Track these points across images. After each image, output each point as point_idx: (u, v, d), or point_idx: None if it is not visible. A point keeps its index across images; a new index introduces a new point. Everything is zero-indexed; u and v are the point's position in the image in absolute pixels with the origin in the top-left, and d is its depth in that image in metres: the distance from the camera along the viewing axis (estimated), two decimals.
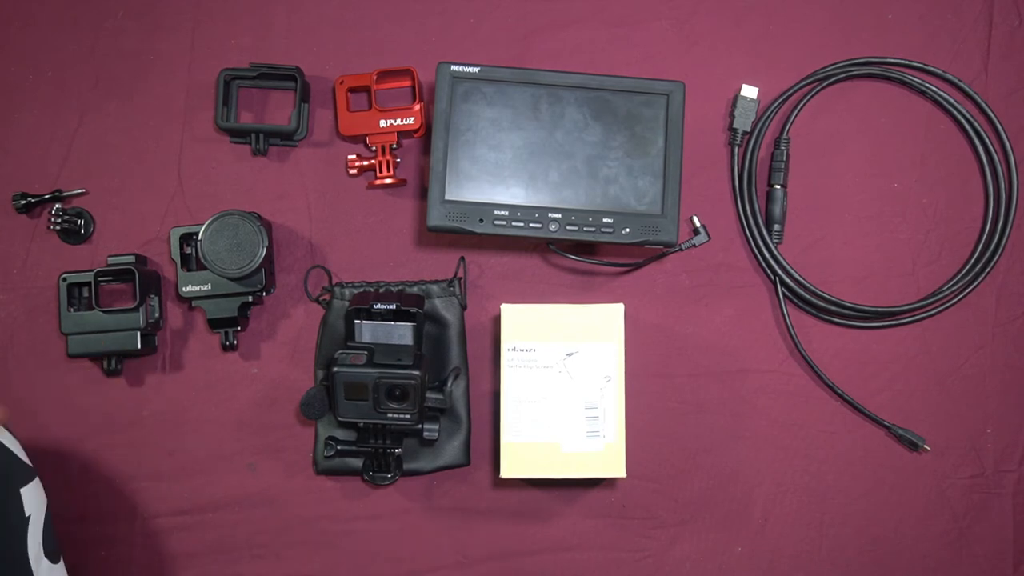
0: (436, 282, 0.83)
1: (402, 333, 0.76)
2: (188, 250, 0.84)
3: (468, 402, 0.83)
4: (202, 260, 0.80)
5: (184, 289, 0.82)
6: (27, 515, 0.69)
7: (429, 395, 0.75)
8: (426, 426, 0.76)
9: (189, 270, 0.83)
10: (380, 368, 0.73)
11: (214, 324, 0.83)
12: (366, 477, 0.80)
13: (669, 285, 0.86)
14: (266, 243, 0.81)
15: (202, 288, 0.82)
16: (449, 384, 0.78)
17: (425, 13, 0.89)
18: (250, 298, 0.82)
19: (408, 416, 0.74)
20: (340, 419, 0.74)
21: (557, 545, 0.84)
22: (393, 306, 0.75)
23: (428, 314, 0.83)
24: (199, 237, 0.80)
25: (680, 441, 0.85)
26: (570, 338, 0.77)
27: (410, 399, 0.73)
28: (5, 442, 0.70)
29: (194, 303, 0.83)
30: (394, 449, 0.78)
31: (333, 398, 0.74)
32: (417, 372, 0.73)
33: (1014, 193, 0.86)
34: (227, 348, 0.84)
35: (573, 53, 0.88)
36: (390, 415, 0.74)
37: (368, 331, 0.76)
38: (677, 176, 0.78)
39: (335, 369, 0.73)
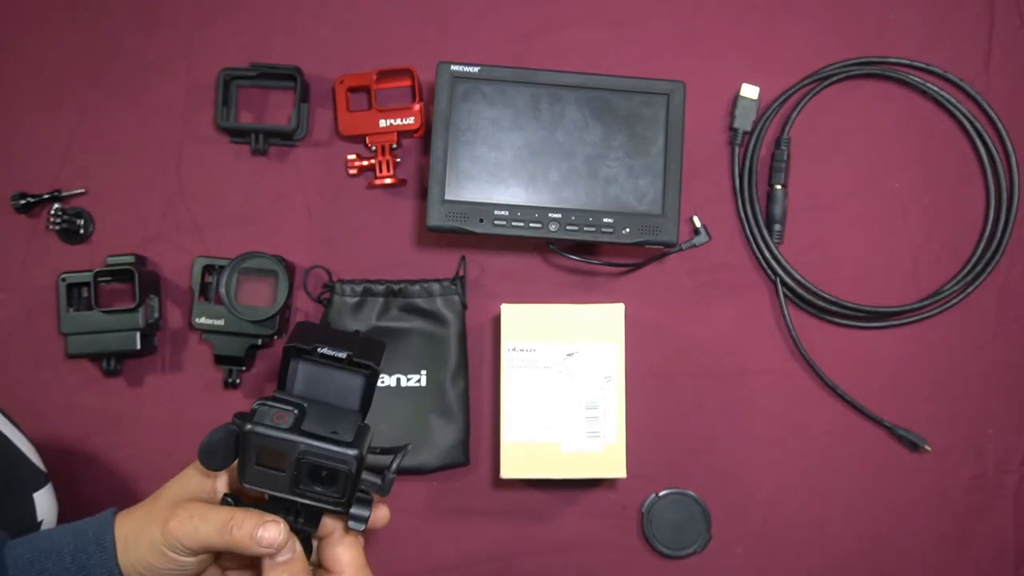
0: (438, 281, 0.83)
1: (348, 389, 0.58)
2: (209, 280, 0.84)
3: (467, 402, 0.83)
4: (221, 297, 0.81)
5: (197, 320, 0.82)
6: (39, 520, 0.69)
7: (365, 476, 0.56)
8: (353, 511, 0.56)
9: (207, 300, 0.84)
10: (308, 438, 0.54)
11: (220, 361, 0.83)
12: None
13: (669, 285, 0.86)
14: (287, 290, 0.81)
15: (215, 322, 0.82)
16: (394, 465, 0.56)
17: (425, 13, 0.89)
18: (259, 341, 0.83)
19: (332, 502, 0.56)
20: (244, 484, 0.56)
21: (557, 545, 0.83)
22: (344, 355, 0.57)
23: (429, 312, 0.83)
24: (222, 275, 0.81)
25: (680, 441, 0.85)
26: (570, 338, 0.77)
27: (339, 485, 0.55)
28: (20, 446, 0.70)
29: (204, 335, 0.83)
30: (307, 529, 0.58)
31: (240, 457, 0.56)
32: (354, 453, 0.54)
33: (1015, 193, 0.86)
34: (229, 386, 0.84)
35: (573, 53, 0.88)
36: (309, 495, 0.56)
37: (305, 378, 0.58)
38: (677, 176, 0.78)
39: (248, 427, 0.54)
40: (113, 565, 0.55)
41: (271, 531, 0.55)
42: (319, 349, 0.57)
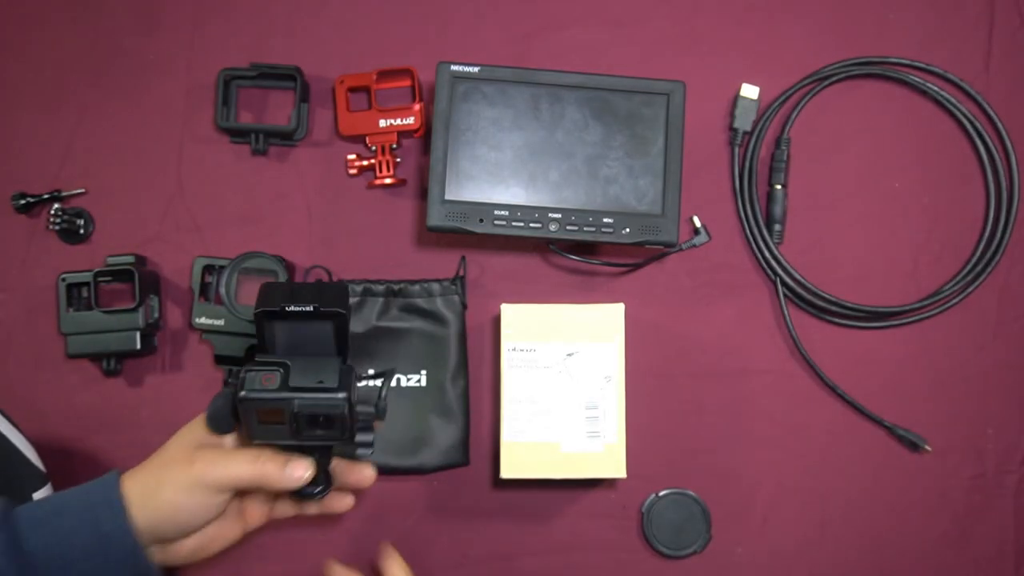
0: (438, 281, 0.83)
1: (322, 336, 0.62)
2: (209, 280, 0.84)
3: (467, 402, 0.83)
4: (221, 297, 0.81)
5: (197, 320, 0.82)
6: None
7: (360, 408, 0.62)
8: (359, 438, 0.62)
9: (207, 300, 0.83)
10: (298, 392, 0.59)
11: (220, 360, 0.83)
12: (291, 492, 0.66)
13: (669, 285, 0.86)
14: None
15: (215, 322, 0.82)
16: (384, 392, 0.63)
17: (425, 13, 0.89)
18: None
19: (335, 439, 0.62)
20: (254, 441, 0.62)
21: (557, 545, 0.83)
22: (310, 307, 0.61)
23: (429, 312, 0.83)
24: (222, 275, 0.81)
25: (680, 441, 0.85)
26: (570, 338, 0.77)
27: (336, 426, 0.60)
28: (19, 446, 0.70)
29: (204, 335, 0.83)
30: (323, 461, 0.65)
31: (244, 420, 0.61)
32: (343, 396, 0.59)
33: (1015, 193, 0.86)
34: (228, 385, 0.83)
35: (573, 53, 0.88)
36: (313, 439, 0.62)
37: (282, 337, 0.62)
38: (677, 176, 0.78)
39: (242, 395, 0.59)
40: (123, 520, 0.58)
41: (300, 465, 0.61)
42: (286, 307, 0.60)
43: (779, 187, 0.86)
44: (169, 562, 0.63)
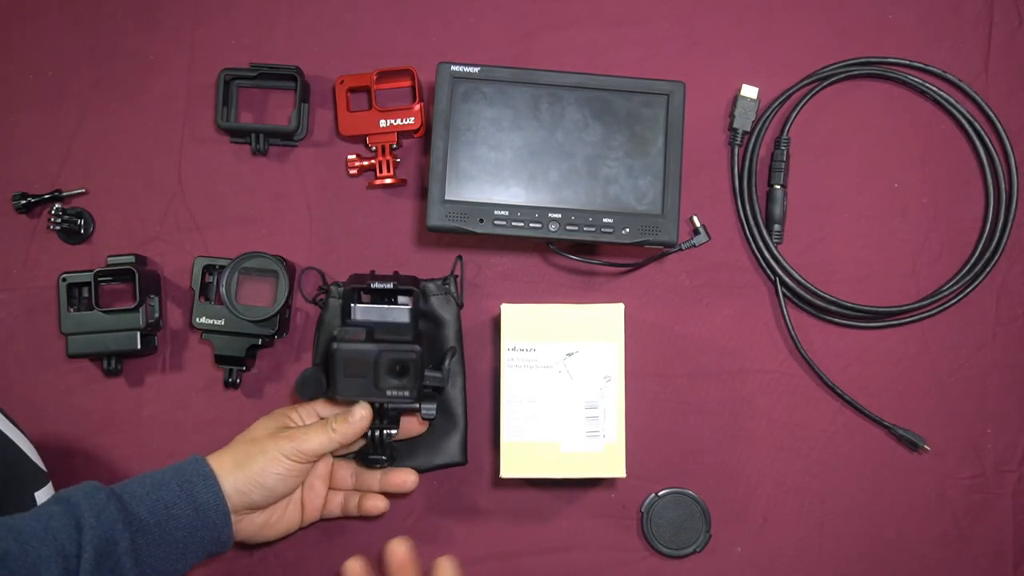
0: (432, 280, 0.83)
1: (399, 312, 0.78)
2: (209, 280, 0.84)
3: (465, 401, 0.83)
4: (221, 297, 0.81)
5: (197, 320, 0.82)
6: None
7: (427, 373, 0.74)
8: (424, 405, 0.75)
9: (207, 300, 0.83)
10: (380, 344, 0.72)
11: (220, 360, 0.83)
12: (359, 460, 0.78)
13: (669, 285, 0.86)
14: (287, 290, 0.81)
15: (215, 322, 0.82)
16: (447, 363, 0.76)
17: (425, 13, 0.89)
18: (259, 341, 0.83)
19: (407, 393, 0.73)
20: (339, 397, 0.74)
21: (557, 545, 0.84)
22: (390, 285, 0.77)
23: (425, 312, 0.83)
24: (223, 275, 0.81)
25: (680, 441, 0.85)
26: (570, 338, 0.77)
27: (410, 374, 0.73)
28: (21, 445, 0.71)
29: (204, 335, 0.83)
30: (390, 431, 0.76)
31: (331, 376, 0.73)
32: (417, 346, 0.73)
33: (1014, 193, 0.86)
34: (229, 386, 0.84)
35: (573, 53, 0.88)
36: (389, 392, 0.73)
37: (365, 311, 0.78)
38: (677, 176, 0.78)
39: (335, 345, 0.72)
40: (217, 489, 0.68)
41: (358, 408, 0.73)
42: (371, 285, 0.77)
43: (779, 187, 0.86)
44: (240, 535, 0.72)
